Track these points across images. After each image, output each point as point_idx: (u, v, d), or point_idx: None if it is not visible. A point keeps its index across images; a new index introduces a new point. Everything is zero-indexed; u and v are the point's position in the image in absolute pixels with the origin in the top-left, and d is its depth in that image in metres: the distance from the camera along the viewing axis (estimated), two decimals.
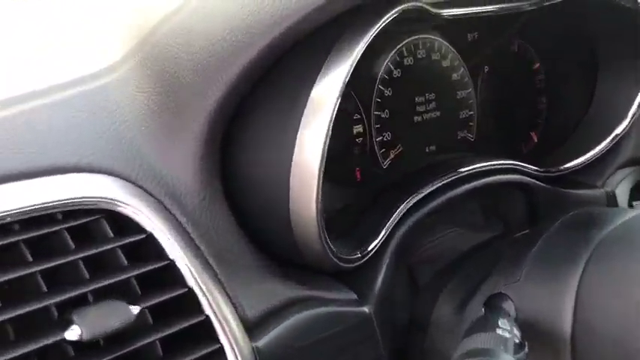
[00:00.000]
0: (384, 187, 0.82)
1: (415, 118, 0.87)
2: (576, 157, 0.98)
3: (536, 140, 1.06)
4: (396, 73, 0.84)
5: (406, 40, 0.84)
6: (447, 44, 0.90)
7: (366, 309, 0.66)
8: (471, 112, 0.95)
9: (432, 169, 0.84)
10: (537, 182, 0.91)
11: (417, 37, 0.86)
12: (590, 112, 1.06)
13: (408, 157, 0.87)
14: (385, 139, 0.84)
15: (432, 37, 0.88)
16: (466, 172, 0.83)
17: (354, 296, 0.66)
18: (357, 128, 0.80)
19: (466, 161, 0.85)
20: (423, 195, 0.77)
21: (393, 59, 0.83)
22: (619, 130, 1.00)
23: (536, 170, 0.92)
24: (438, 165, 0.85)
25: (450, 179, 0.80)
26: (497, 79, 0.98)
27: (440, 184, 0.79)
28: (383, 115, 0.83)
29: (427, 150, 0.89)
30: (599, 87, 1.06)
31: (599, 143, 0.99)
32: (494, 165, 0.86)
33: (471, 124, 0.95)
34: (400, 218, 0.75)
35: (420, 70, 0.87)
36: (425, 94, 0.87)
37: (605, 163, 1.00)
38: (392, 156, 0.84)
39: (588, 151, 0.99)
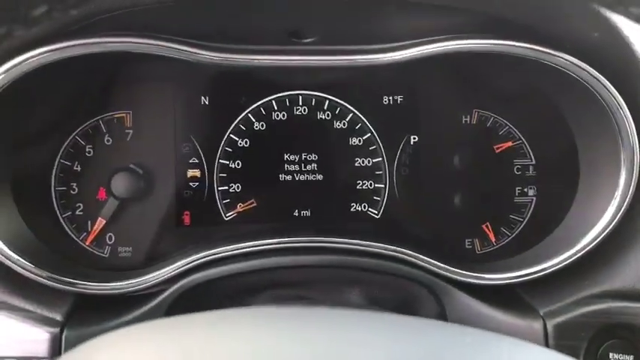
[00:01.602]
0: (222, 237, 0.79)
1: (282, 176, 0.81)
2: (520, 269, 0.75)
3: (493, 239, 0.83)
4: (258, 126, 0.80)
5: (276, 95, 0.80)
6: (346, 105, 0.81)
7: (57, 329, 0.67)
8: (379, 185, 0.82)
9: (282, 231, 0.77)
10: (448, 286, 0.73)
11: (295, 92, 0.81)
12: (569, 216, 0.78)
13: (268, 215, 0.81)
14: (233, 191, 0.81)
15: (322, 94, 0.81)
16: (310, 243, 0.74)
17: (46, 314, 0.68)
18: (193, 172, 0.80)
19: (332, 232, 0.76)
20: (224, 254, 0.73)
21: (255, 111, 0.80)
22: (580, 245, 0.72)
23: (456, 272, 0.73)
24: (295, 229, 0.77)
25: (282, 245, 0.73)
26: (434, 154, 0.82)
27: (261, 249, 0.73)
28: (232, 165, 0.80)
29: (297, 214, 0.81)
30: (581, 186, 0.78)
31: (552, 258, 0.74)
32: (369, 246, 0.73)
33: (375, 198, 0.82)
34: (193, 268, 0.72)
35: (296, 127, 0.81)
36: (300, 154, 0.81)
37: (558, 287, 0.72)
38: (239, 209, 0.80)
39: (538, 264, 0.74)
